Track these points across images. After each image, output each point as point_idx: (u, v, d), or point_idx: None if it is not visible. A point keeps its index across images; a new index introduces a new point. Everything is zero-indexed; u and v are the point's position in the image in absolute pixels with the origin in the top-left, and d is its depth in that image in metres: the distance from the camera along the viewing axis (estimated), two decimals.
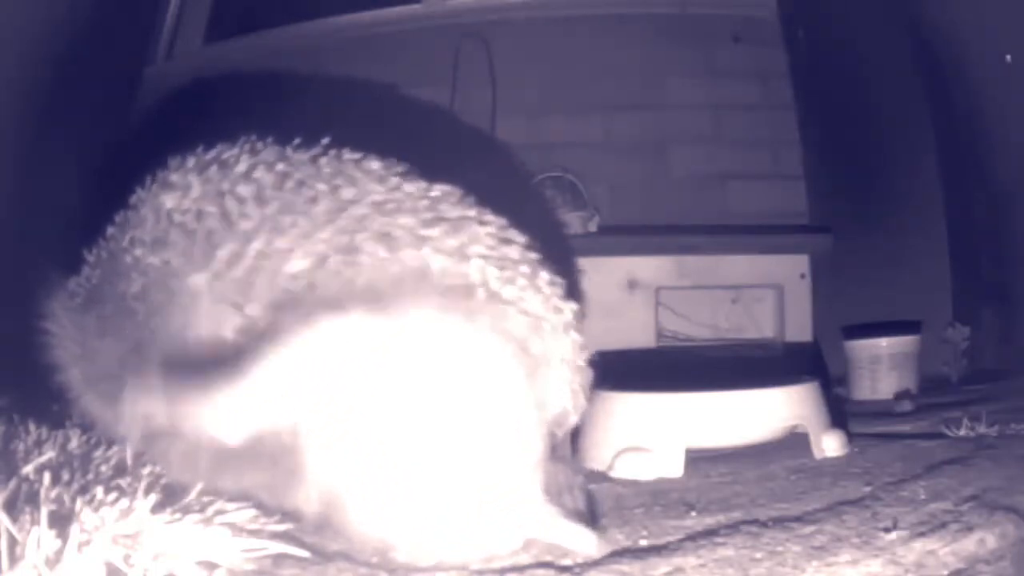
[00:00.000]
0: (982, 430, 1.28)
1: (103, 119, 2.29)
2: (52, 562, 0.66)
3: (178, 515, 0.76)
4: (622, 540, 0.88)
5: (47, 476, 0.76)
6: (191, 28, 2.74)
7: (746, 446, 1.28)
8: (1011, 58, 1.73)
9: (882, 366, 1.83)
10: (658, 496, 1.07)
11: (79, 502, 0.73)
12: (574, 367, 0.92)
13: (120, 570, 0.69)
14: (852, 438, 1.28)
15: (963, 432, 1.28)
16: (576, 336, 0.93)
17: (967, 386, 1.79)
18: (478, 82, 2.48)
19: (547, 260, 0.93)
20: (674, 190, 2.55)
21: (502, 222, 0.92)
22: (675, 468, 1.18)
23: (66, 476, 0.84)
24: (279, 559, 0.78)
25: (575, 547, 0.83)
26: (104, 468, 0.91)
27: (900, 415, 1.58)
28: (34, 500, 0.72)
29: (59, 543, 0.67)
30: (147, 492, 0.76)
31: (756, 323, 2.41)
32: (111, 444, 0.96)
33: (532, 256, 0.92)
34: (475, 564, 0.81)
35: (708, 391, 1.24)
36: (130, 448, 0.92)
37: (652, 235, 2.34)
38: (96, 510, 0.72)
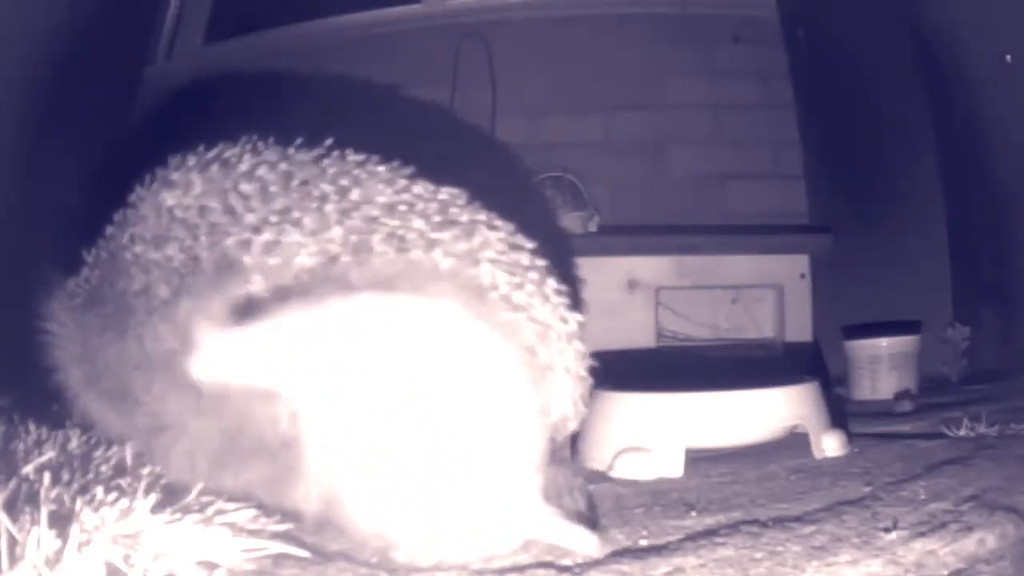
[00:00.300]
0: (982, 430, 1.28)
1: (103, 119, 2.28)
2: (52, 562, 0.66)
3: (178, 515, 0.76)
4: (622, 540, 0.88)
5: (47, 476, 0.76)
6: (191, 28, 2.74)
7: (746, 446, 1.28)
8: (1011, 58, 1.73)
9: (882, 366, 1.82)
10: (658, 496, 1.07)
11: (79, 502, 0.73)
12: (576, 376, 0.93)
13: (120, 570, 0.69)
14: (852, 438, 1.28)
15: (963, 432, 1.28)
16: (579, 346, 0.93)
17: (967, 386, 1.79)
18: (478, 82, 2.48)
19: (551, 263, 0.92)
20: (674, 190, 2.55)
21: (511, 227, 0.92)
22: (675, 468, 1.18)
23: (66, 476, 0.84)
24: (279, 559, 0.77)
25: (576, 548, 0.83)
26: (104, 468, 0.91)
27: (900, 415, 1.58)
28: (34, 500, 0.72)
29: (59, 543, 0.66)
30: (147, 492, 0.76)
31: (756, 323, 2.41)
32: (111, 444, 0.96)
33: (540, 263, 0.91)
34: (475, 564, 0.80)
35: (708, 391, 1.24)
36: (130, 448, 0.92)
37: (652, 235, 2.34)
38: (96, 510, 0.72)
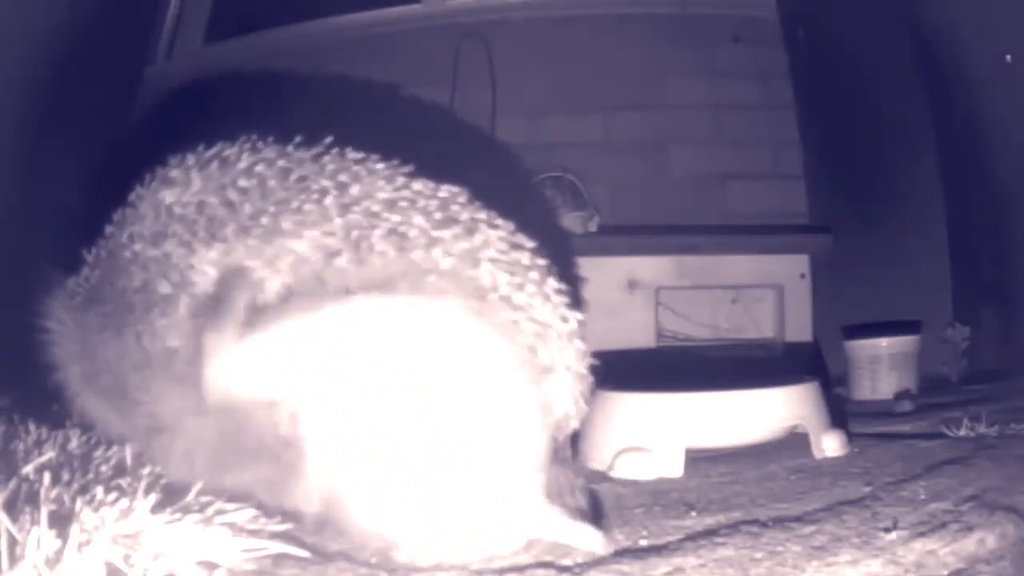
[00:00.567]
0: (982, 430, 1.28)
1: (103, 119, 2.28)
2: (52, 562, 0.66)
3: (178, 515, 0.76)
4: (622, 540, 0.88)
5: (47, 476, 0.76)
6: (191, 28, 2.74)
7: (746, 446, 1.28)
8: (1011, 58, 1.73)
9: (882, 366, 1.82)
10: (658, 496, 1.07)
11: (79, 502, 0.73)
12: (577, 375, 0.92)
13: (120, 570, 0.69)
14: (852, 438, 1.28)
15: (963, 432, 1.28)
16: (580, 344, 0.93)
17: (967, 386, 1.79)
18: (478, 82, 2.48)
19: (551, 263, 0.92)
20: (674, 190, 2.55)
21: (511, 226, 0.92)
22: (675, 468, 1.18)
23: (66, 476, 0.84)
24: (279, 559, 0.77)
25: (581, 545, 0.83)
26: (104, 468, 0.91)
27: (900, 415, 1.58)
28: (34, 500, 0.72)
29: (59, 543, 0.66)
30: (147, 492, 0.76)
31: (756, 323, 2.41)
32: (111, 444, 0.96)
33: (541, 262, 0.91)
34: (475, 564, 0.80)
35: (708, 391, 1.24)
36: (130, 448, 0.92)
37: (652, 235, 2.34)
38: (96, 510, 0.72)
